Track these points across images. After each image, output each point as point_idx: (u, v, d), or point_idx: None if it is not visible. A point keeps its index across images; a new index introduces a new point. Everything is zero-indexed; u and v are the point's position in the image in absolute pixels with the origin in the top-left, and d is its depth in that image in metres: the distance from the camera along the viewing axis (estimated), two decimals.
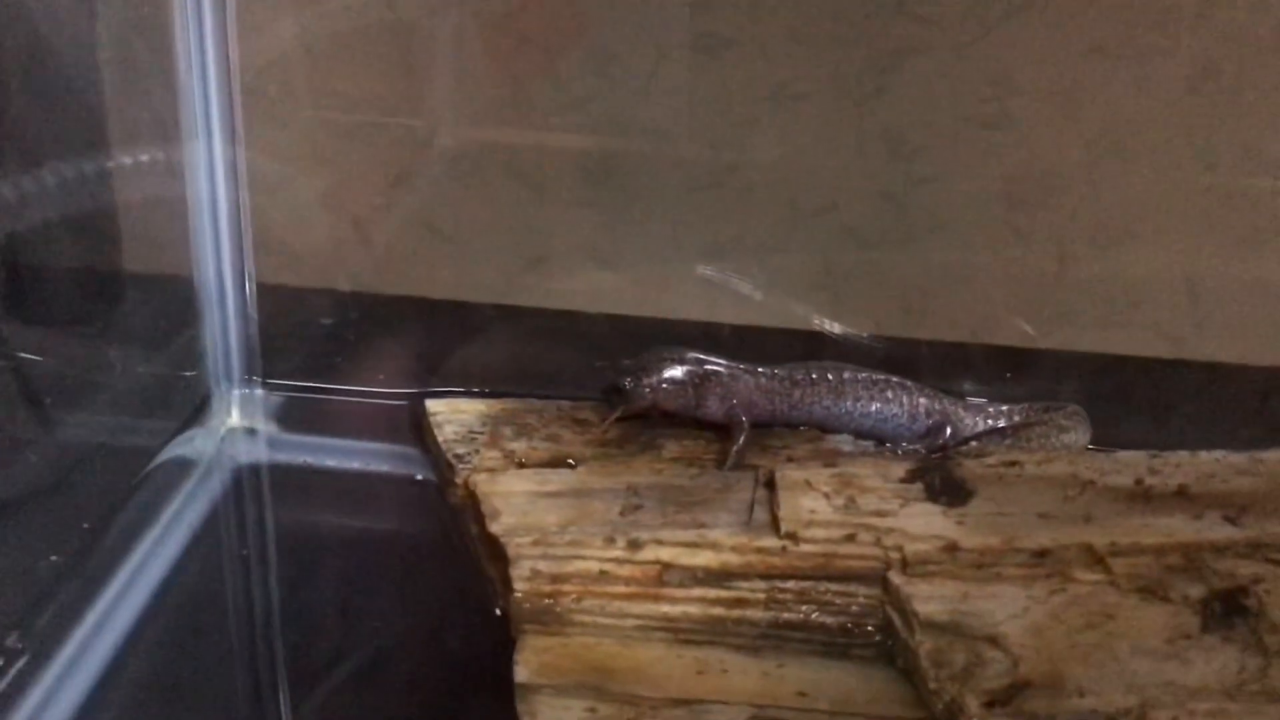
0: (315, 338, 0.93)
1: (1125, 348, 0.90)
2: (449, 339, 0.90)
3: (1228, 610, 0.58)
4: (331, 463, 0.82)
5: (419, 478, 0.78)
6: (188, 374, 0.86)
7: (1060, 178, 0.87)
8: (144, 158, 0.86)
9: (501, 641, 0.62)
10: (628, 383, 0.69)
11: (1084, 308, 0.91)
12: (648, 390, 0.69)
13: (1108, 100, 0.85)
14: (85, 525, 0.72)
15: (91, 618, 0.67)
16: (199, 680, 0.66)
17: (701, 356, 0.70)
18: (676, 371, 0.69)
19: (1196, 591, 0.59)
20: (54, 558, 0.69)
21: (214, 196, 0.85)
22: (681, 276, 0.91)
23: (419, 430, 0.80)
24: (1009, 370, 0.87)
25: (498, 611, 0.64)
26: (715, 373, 0.70)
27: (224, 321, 0.87)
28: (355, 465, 0.82)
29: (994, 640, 0.57)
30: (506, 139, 0.91)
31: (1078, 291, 0.90)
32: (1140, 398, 0.88)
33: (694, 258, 0.91)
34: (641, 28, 0.87)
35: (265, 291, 0.88)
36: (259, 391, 0.87)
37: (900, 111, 0.87)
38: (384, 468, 0.81)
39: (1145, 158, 0.86)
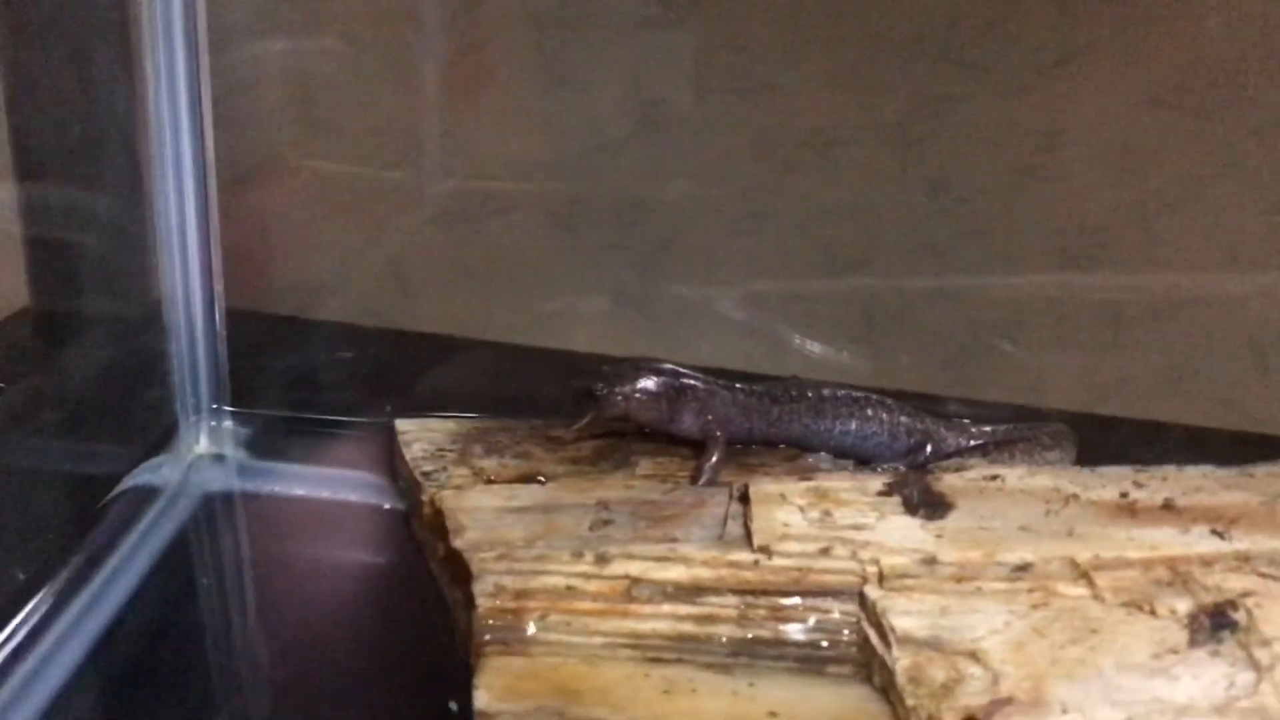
0: (286, 366, 0.92)
1: (1188, 417, 0.85)
2: (422, 368, 0.89)
3: (1216, 625, 0.56)
4: (300, 491, 0.80)
5: (387, 507, 0.76)
6: (154, 399, 0.84)
7: (1116, 233, 0.84)
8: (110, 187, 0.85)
9: (463, 667, 0.59)
10: (600, 388, 0.67)
11: (1141, 373, 0.86)
12: (620, 399, 0.67)
13: (1167, 152, 0.82)
14: (49, 548, 0.71)
15: (51, 637, 0.65)
16: (157, 708, 0.63)
17: (679, 369, 0.68)
18: (650, 383, 0.67)
19: (1184, 606, 0.57)
20: (20, 576, 0.68)
21: (183, 225, 0.84)
22: (715, 323, 0.89)
23: (389, 459, 0.78)
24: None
25: (458, 636, 0.62)
26: (691, 386, 0.68)
27: (193, 349, 0.85)
28: (324, 494, 0.80)
29: (974, 656, 0.55)
30: (540, 185, 0.90)
31: (1135, 355, 0.86)
32: None
33: (728, 304, 0.89)
34: (679, 72, 0.85)
35: (235, 319, 0.87)
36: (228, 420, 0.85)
37: (945, 160, 0.84)
38: (353, 496, 0.79)
39: (1207, 213, 0.82)
